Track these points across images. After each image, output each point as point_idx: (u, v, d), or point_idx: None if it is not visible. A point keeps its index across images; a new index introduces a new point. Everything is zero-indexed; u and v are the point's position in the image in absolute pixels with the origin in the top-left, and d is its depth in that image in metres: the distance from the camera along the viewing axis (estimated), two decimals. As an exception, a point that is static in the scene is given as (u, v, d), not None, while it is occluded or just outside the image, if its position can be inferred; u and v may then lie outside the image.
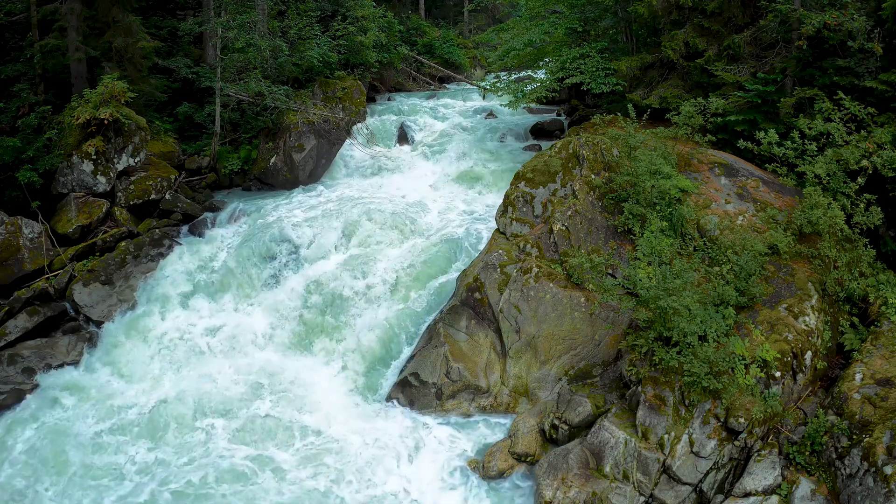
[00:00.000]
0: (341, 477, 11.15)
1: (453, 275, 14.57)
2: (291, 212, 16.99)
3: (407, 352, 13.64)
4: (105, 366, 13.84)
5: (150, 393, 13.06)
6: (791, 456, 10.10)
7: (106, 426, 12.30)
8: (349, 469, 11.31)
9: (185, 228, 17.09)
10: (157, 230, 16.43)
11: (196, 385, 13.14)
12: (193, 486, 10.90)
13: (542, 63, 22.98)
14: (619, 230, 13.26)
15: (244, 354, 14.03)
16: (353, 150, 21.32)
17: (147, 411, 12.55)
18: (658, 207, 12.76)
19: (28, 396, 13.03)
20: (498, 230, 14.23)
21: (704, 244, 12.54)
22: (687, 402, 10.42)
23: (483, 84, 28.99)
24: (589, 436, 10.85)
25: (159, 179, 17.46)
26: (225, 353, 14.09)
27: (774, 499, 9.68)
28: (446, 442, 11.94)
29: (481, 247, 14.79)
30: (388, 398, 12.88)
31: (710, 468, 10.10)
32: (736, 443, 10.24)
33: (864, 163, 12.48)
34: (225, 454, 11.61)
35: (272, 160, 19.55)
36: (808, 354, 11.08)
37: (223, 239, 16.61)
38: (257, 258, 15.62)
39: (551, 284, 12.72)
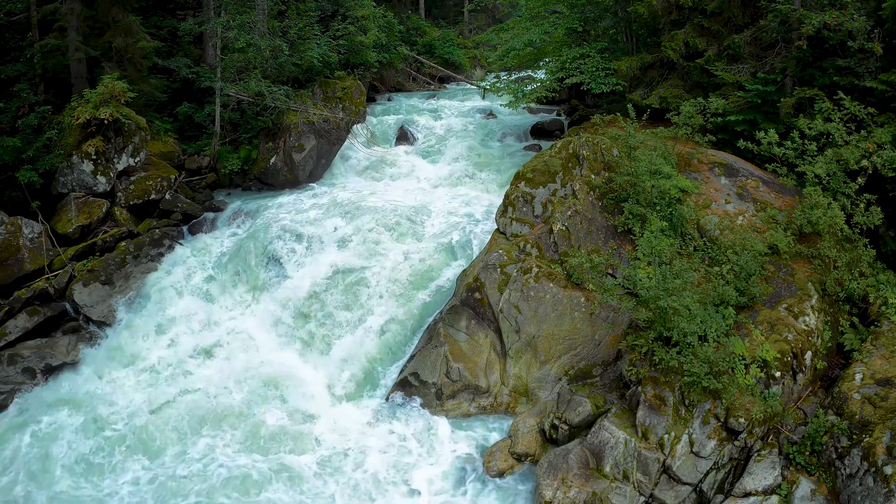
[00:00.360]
0: (358, 486, 11.16)
1: (452, 273, 14.57)
2: (283, 217, 16.78)
3: (406, 354, 13.66)
4: (97, 378, 13.76)
5: (143, 404, 12.94)
6: (791, 456, 10.10)
7: (98, 440, 12.13)
8: (365, 477, 11.33)
9: (185, 228, 17.09)
10: (157, 230, 16.43)
11: (191, 395, 13.11)
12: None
13: (542, 63, 22.97)
14: (619, 230, 13.26)
15: (241, 362, 13.95)
16: (353, 151, 21.32)
17: (143, 423, 12.41)
18: (658, 207, 12.77)
19: (18, 401, 12.97)
20: (498, 230, 14.23)
21: (704, 244, 12.54)
22: (687, 402, 10.42)
23: (483, 84, 28.97)
24: (589, 436, 10.85)
25: (159, 179, 17.45)
26: (221, 362, 14.02)
27: (774, 499, 9.68)
28: (447, 442, 11.95)
29: (478, 249, 14.78)
30: (389, 398, 12.87)
31: (710, 468, 10.10)
32: (736, 443, 10.24)
33: (864, 163, 12.49)
34: (229, 464, 11.48)
35: (272, 160, 19.54)
36: (808, 354, 11.08)
37: (213, 249, 16.42)
38: (245, 287, 15.40)
39: (551, 284, 12.72)
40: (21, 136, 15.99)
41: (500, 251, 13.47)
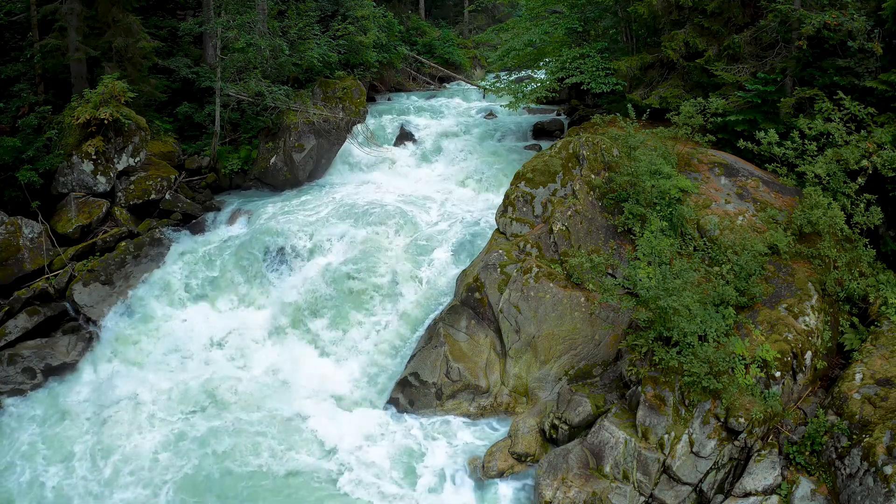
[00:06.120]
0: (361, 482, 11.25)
1: (451, 273, 14.57)
2: (283, 218, 16.71)
3: (405, 355, 13.67)
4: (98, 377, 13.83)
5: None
6: (791, 456, 10.11)
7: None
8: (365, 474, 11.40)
9: (185, 228, 17.05)
10: (157, 230, 16.41)
11: (187, 392, 13.15)
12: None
13: (542, 63, 22.96)
14: (619, 230, 13.26)
15: (238, 363, 14.03)
16: (353, 151, 21.31)
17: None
18: (658, 207, 12.76)
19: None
20: (498, 230, 14.23)
21: (704, 244, 12.54)
22: (687, 402, 10.42)
23: (483, 84, 28.96)
24: (589, 436, 10.85)
25: (159, 179, 17.45)
26: (219, 361, 14.07)
27: (774, 499, 9.69)
28: (446, 443, 11.94)
29: (478, 250, 14.77)
30: (389, 401, 12.87)
31: (710, 468, 10.10)
32: (736, 443, 10.24)
33: (864, 163, 12.49)
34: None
35: (272, 160, 19.53)
36: (808, 354, 11.08)
37: (213, 250, 16.29)
38: (245, 287, 15.35)
39: (551, 284, 12.72)
40: (21, 136, 15.98)
41: (500, 251, 13.47)
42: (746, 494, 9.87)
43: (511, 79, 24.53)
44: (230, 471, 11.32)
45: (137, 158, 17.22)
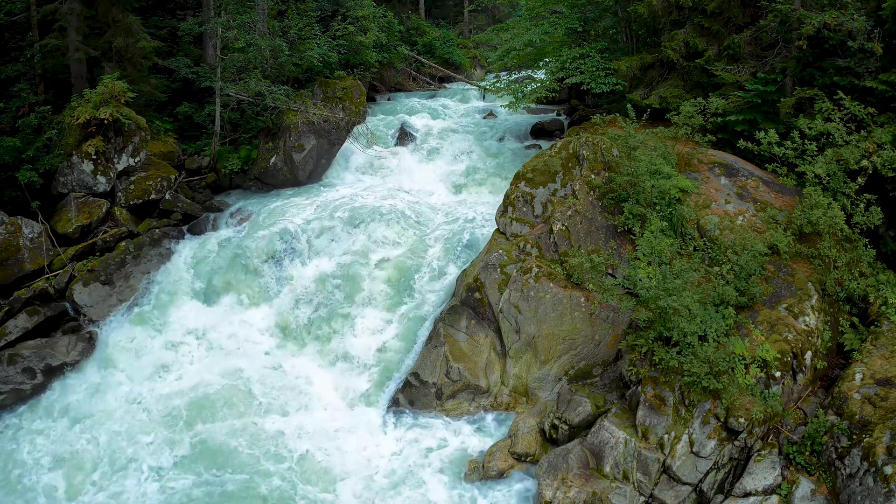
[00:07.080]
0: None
1: (451, 274, 14.58)
2: (283, 218, 16.67)
3: (406, 358, 13.69)
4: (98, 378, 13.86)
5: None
6: (791, 456, 10.11)
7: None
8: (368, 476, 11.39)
9: (185, 228, 17.05)
10: (157, 230, 16.41)
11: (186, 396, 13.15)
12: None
13: (542, 63, 22.96)
14: (619, 230, 13.26)
15: (238, 365, 13.95)
16: (354, 151, 21.32)
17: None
18: (658, 207, 12.77)
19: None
20: (498, 230, 14.23)
21: (704, 244, 12.55)
22: (687, 402, 10.42)
23: (483, 84, 28.96)
24: (589, 436, 10.85)
25: (159, 179, 17.45)
26: (218, 363, 14.00)
27: (774, 499, 9.69)
28: (446, 442, 11.94)
29: (478, 250, 14.77)
30: (390, 401, 12.87)
31: (710, 468, 10.10)
32: (736, 443, 10.25)
33: (864, 163, 12.50)
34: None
35: (272, 160, 19.53)
36: (808, 354, 11.08)
37: (213, 250, 16.28)
38: (245, 288, 15.34)
39: (551, 284, 12.72)
40: (21, 136, 15.98)
41: (500, 251, 13.47)
42: (746, 494, 9.87)
43: (511, 79, 24.53)
44: (230, 495, 11.07)
45: (137, 158, 17.22)
